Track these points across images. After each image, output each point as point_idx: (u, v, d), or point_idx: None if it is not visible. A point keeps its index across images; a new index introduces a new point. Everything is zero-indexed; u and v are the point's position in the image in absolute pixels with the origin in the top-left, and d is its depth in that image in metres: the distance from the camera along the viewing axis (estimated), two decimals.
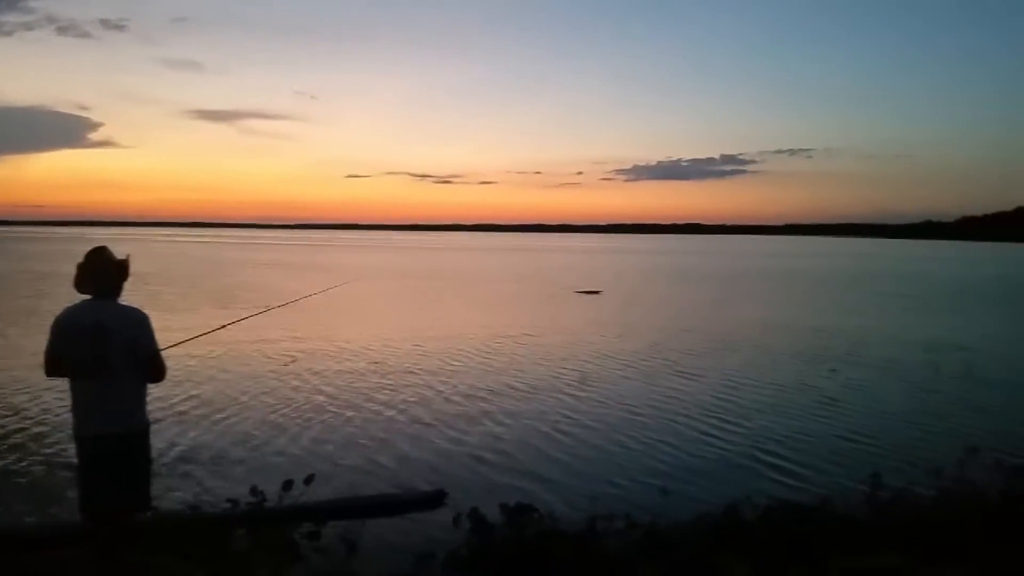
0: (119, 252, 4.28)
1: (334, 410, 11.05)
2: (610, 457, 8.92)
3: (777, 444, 9.48)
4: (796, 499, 5.41)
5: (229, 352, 15.46)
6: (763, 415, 11.01)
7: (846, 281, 45.29)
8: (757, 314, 25.41)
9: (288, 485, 6.02)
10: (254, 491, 5.85)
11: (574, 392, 12.47)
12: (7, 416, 10.29)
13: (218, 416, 10.49)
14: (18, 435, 9.41)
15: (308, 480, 6.40)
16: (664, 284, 41.83)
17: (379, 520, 6.66)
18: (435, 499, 7.28)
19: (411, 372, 14.15)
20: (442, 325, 21.53)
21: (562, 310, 26.53)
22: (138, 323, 4.10)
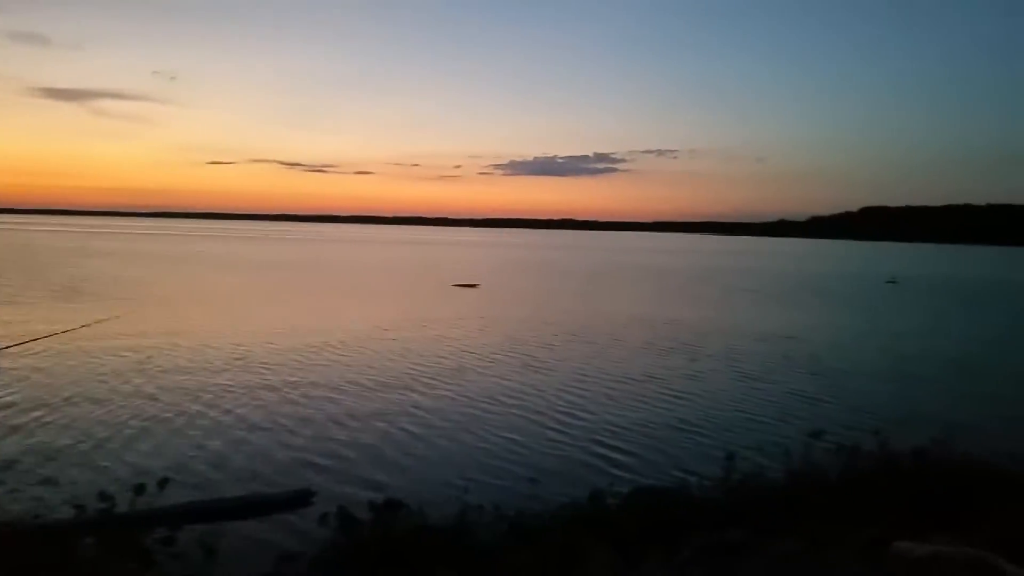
0: None
1: (193, 410, 10.54)
2: (478, 450, 9.00)
3: (638, 433, 9.88)
4: (656, 484, 5.65)
5: (76, 350, 14.43)
6: (626, 405, 11.43)
7: (704, 276, 47.70)
8: (621, 307, 26.33)
9: (140, 489, 5.69)
10: (103, 496, 5.49)
11: (444, 387, 12.48)
12: None
13: (65, 419, 9.78)
14: None
15: (162, 483, 6.07)
16: (540, 278, 42.57)
17: (242, 522, 6.43)
18: (301, 498, 7.10)
19: (276, 368, 13.70)
20: (311, 319, 20.97)
21: (440, 304, 26.47)
22: None
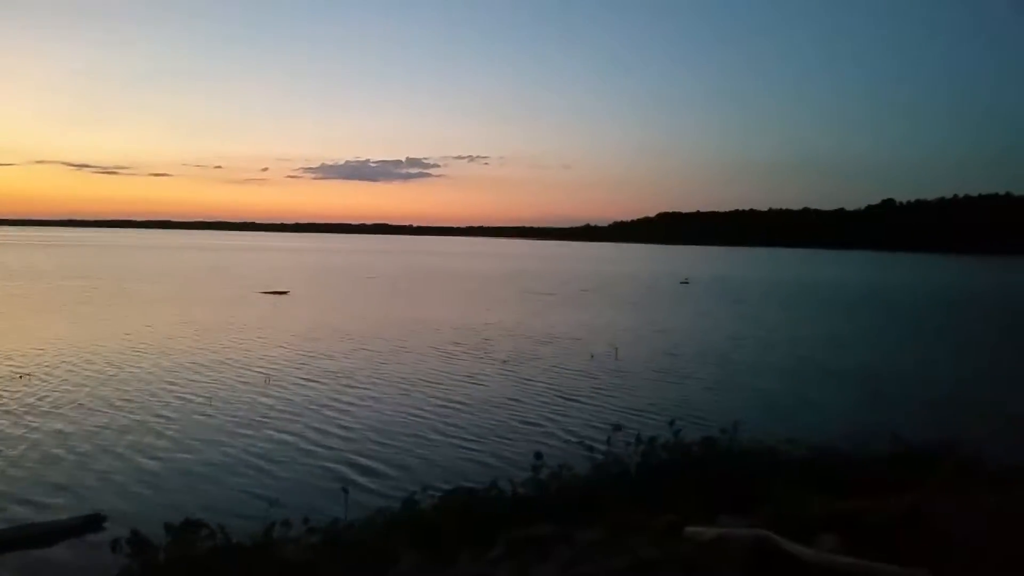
0: None
1: None
2: (284, 462, 8.74)
3: (449, 436, 10.03)
4: (469, 486, 5.74)
5: None
6: (437, 411, 11.55)
7: (509, 280, 49.23)
8: (426, 312, 26.57)
9: None
10: None
11: (239, 401, 11.98)
12: None
13: None
14: None
15: None
16: (351, 284, 41.80)
17: (23, 552, 5.80)
18: (91, 524, 6.52)
19: (57, 385, 12.52)
20: (98, 331, 19.26)
21: (245, 312, 25.25)
22: None
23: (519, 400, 12.40)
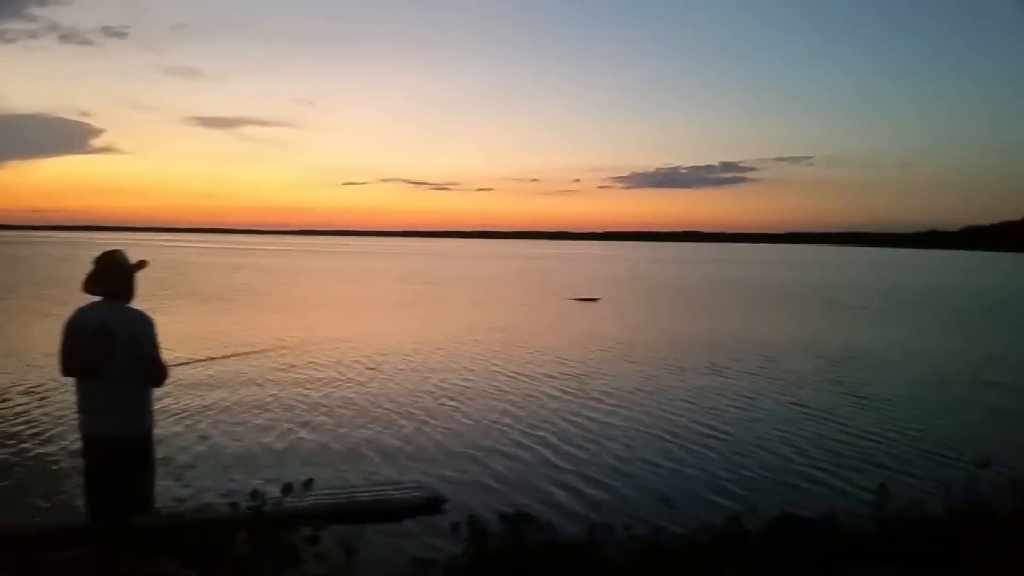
0: (133, 256, 4.27)
1: (334, 415, 11.04)
2: (608, 466, 8.87)
3: (780, 456, 9.46)
4: (801, 511, 5.38)
5: (238, 356, 15.46)
6: (766, 427, 10.97)
7: (814, 289, 45.32)
8: (746, 324, 25.38)
9: (287, 489, 5.99)
10: (254, 494, 5.81)
11: (570, 401, 12.41)
12: (17, 416, 10.28)
13: (222, 420, 10.48)
14: (28, 434, 9.41)
15: (307, 484, 6.36)
16: (661, 292, 41.80)
17: (376, 525, 6.63)
18: (432, 505, 7.26)
19: (408, 377, 14.13)
20: (436, 330, 21.51)
21: (559, 317, 26.51)
22: (141, 325, 4.08)
23: (860, 425, 11.30)
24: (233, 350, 16.10)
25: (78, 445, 4.49)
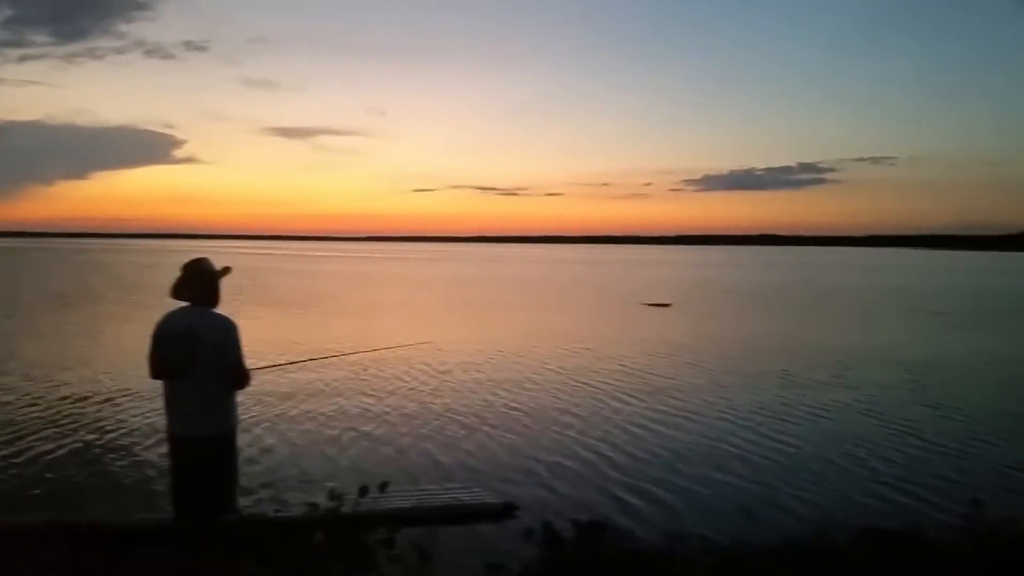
0: (218, 263, 4.43)
1: (405, 418, 11.17)
2: (682, 476, 8.68)
3: (859, 468, 9.10)
4: (889, 525, 5.16)
5: (312, 360, 15.85)
6: (843, 437, 10.57)
7: (891, 293, 43.44)
8: (830, 332, 24.56)
9: (364, 491, 6.07)
10: (332, 495, 5.93)
11: (641, 409, 12.22)
12: (105, 416, 10.78)
13: (298, 422, 10.75)
14: (116, 434, 9.84)
15: (383, 486, 6.43)
16: (736, 297, 40.87)
17: (449, 528, 6.66)
18: (505, 511, 7.24)
19: (477, 382, 14.18)
20: (504, 336, 21.56)
21: (631, 322, 26.25)
22: (226, 330, 4.22)
23: (946, 437, 10.80)
24: (307, 354, 16.47)
25: (164, 445, 4.66)
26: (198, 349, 4.09)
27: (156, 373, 4.25)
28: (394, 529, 5.77)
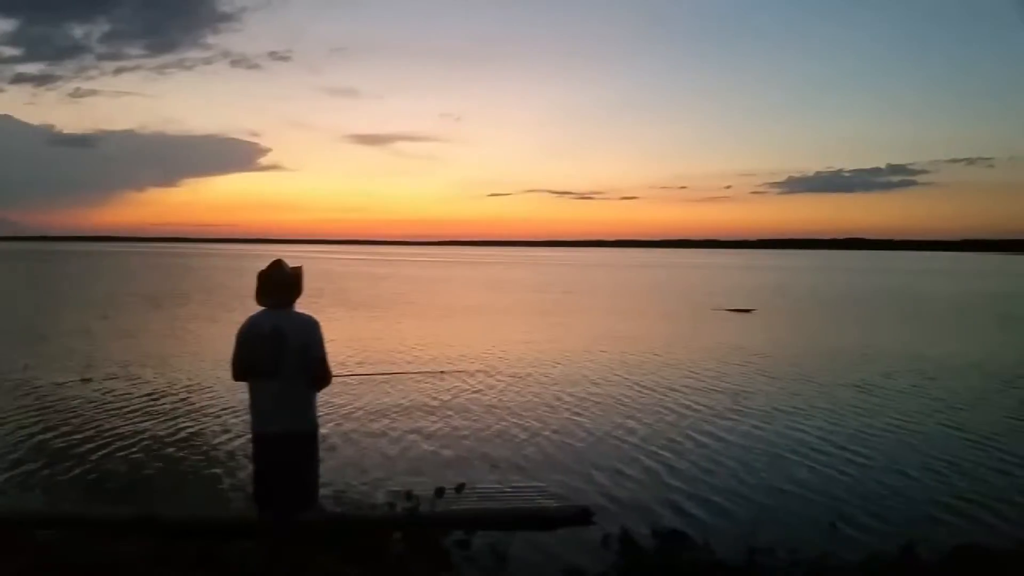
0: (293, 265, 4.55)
1: (479, 421, 11.21)
2: (770, 485, 8.41)
3: (944, 482, 8.63)
4: (983, 541, 4.88)
5: (386, 363, 16.12)
6: (927, 450, 10.05)
7: (986, 299, 40.98)
8: (928, 342, 23.43)
9: (440, 492, 6.14)
10: (409, 496, 6.01)
11: (730, 414, 11.91)
12: (193, 414, 11.22)
13: (376, 423, 10.93)
14: (203, 432, 10.22)
15: (459, 489, 6.50)
16: (826, 303, 39.46)
17: (524, 533, 6.64)
18: (582, 516, 7.16)
19: (558, 385, 14.12)
20: (586, 339, 21.44)
21: (711, 328, 25.71)
22: (310, 328, 4.33)
23: (1009, 448, 10.18)
24: (378, 358, 16.81)
25: (249, 442, 4.80)
26: (284, 348, 4.20)
27: (241, 375, 4.37)
28: (470, 531, 5.82)
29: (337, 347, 17.15)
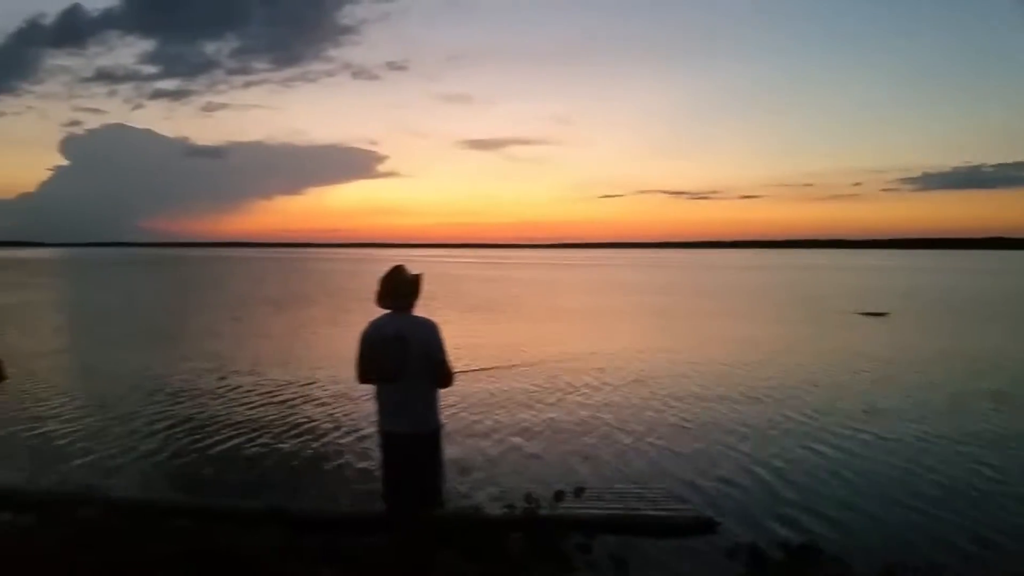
0: (415, 270, 4.66)
1: (607, 424, 11.11)
2: (909, 499, 7.88)
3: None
4: None
5: (504, 365, 16.30)
6: None
7: None
8: None
9: (560, 495, 6.11)
10: (528, 498, 6.01)
11: (865, 423, 11.24)
12: (321, 413, 11.70)
13: (489, 424, 11.04)
14: (332, 431, 10.64)
15: (578, 492, 6.44)
16: (965, 307, 36.73)
17: (648, 540, 6.51)
18: (705, 526, 6.95)
19: (685, 391, 13.73)
20: (710, 344, 20.87)
21: (845, 333, 24.43)
22: (431, 331, 4.41)
23: None
24: (494, 359, 16.97)
25: (375, 440, 4.93)
26: (407, 351, 4.29)
27: (365, 378, 4.49)
28: (591, 535, 5.75)
29: (457, 352, 17.48)
